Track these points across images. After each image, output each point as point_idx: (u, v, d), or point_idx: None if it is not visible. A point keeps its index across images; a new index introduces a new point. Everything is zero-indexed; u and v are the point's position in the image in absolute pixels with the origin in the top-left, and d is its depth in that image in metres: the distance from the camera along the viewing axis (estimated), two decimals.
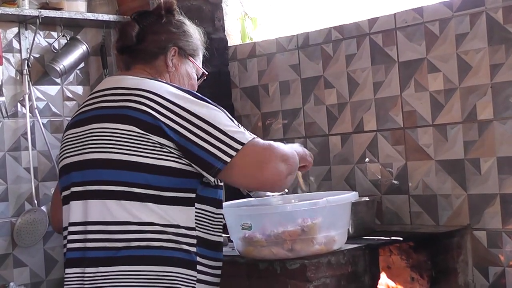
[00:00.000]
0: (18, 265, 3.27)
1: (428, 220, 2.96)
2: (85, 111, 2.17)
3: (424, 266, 2.79)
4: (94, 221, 2.04)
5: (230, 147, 2.00)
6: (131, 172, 2.01)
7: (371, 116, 3.14)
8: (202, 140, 1.99)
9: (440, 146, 2.92)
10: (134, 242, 2.01)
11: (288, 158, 2.07)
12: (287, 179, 2.07)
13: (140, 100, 2.03)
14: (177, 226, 2.04)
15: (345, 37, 3.22)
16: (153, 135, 2.00)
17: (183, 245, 2.04)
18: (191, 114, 2.02)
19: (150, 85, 2.09)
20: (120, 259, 2.02)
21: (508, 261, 2.74)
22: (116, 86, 2.13)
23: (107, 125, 2.06)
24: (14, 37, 3.32)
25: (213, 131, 2.00)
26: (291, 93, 3.46)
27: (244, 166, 2.02)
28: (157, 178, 2.01)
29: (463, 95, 2.84)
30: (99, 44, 3.57)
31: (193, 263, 2.06)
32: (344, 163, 3.24)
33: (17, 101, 3.32)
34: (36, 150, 3.35)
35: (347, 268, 2.40)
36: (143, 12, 2.37)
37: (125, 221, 2.01)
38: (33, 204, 3.29)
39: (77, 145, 2.13)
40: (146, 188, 2.01)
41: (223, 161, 1.99)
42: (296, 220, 2.26)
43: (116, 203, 2.02)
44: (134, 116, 2.02)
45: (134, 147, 2.01)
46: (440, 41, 2.89)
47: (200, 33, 2.40)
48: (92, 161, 2.07)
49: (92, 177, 2.06)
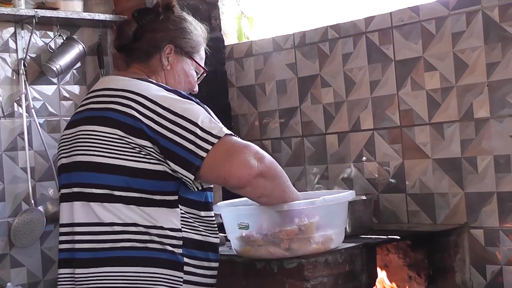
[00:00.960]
0: (15, 265, 3.26)
1: (425, 219, 2.96)
2: (78, 112, 2.19)
3: (422, 265, 2.79)
4: (80, 222, 2.06)
5: (206, 142, 1.96)
6: (112, 175, 2.02)
7: (368, 114, 3.14)
8: (180, 137, 1.97)
9: (437, 145, 2.92)
10: (119, 243, 2.02)
11: (263, 157, 2.02)
12: (257, 179, 2.00)
13: (124, 102, 2.03)
14: (161, 227, 2.03)
15: (341, 36, 3.22)
16: (134, 138, 2.00)
17: (167, 246, 2.04)
18: (170, 112, 2.00)
19: (136, 86, 2.08)
20: (106, 260, 2.03)
21: (505, 259, 2.75)
22: (105, 87, 2.14)
23: (93, 128, 2.07)
24: (10, 37, 3.31)
25: (190, 127, 1.97)
26: (288, 92, 3.46)
27: (215, 156, 1.96)
28: (136, 180, 2.01)
29: (459, 93, 2.84)
30: (96, 43, 3.57)
31: (179, 264, 2.05)
32: (341, 162, 3.24)
33: (13, 101, 3.32)
34: (33, 150, 3.34)
35: (345, 267, 2.40)
36: (143, 9, 2.35)
37: (110, 222, 2.02)
38: (30, 204, 3.28)
39: (68, 147, 2.15)
40: (127, 191, 2.02)
41: (200, 156, 1.96)
42: (293, 219, 2.26)
43: (100, 205, 2.03)
44: (117, 119, 2.02)
45: (116, 150, 2.02)
46: (437, 40, 2.90)
47: (202, 30, 2.35)
48: (77, 163, 2.10)
49: (77, 179, 2.08)
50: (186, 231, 2.07)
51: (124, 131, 2.00)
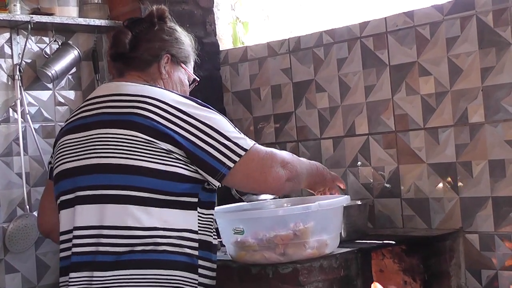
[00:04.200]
0: (10, 271, 3.25)
1: (421, 224, 2.97)
2: (84, 116, 2.18)
3: (417, 270, 2.79)
4: (105, 225, 2.06)
5: (234, 153, 2.07)
6: (136, 176, 2.05)
7: (363, 119, 3.14)
8: (209, 146, 2.06)
9: (431, 150, 2.92)
10: (139, 247, 2.04)
11: (287, 163, 2.17)
12: (286, 184, 2.17)
13: (146, 107, 2.07)
14: (181, 230, 2.08)
15: (336, 41, 3.23)
16: (161, 142, 2.04)
17: (186, 248, 2.08)
18: (197, 120, 2.07)
19: (153, 92, 2.13)
20: (125, 263, 2.04)
21: (500, 264, 2.75)
22: (118, 92, 2.16)
23: (112, 131, 2.09)
24: (5, 42, 3.31)
25: (218, 137, 2.07)
26: (283, 97, 3.46)
27: (247, 171, 2.10)
28: (162, 183, 2.05)
29: (454, 98, 2.84)
30: (91, 49, 3.57)
31: (195, 266, 2.10)
32: (336, 167, 3.24)
33: (8, 106, 3.31)
34: (28, 156, 3.34)
35: (340, 272, 2.39)
36: (136, 19, 2.39)
37: (130, 226, 2.04)
38: (25, 209, 3.27)
39: (80, 151, 2.14)
40: (151, 193, 2.05)
41: (227, 166, 2.06)
42: (288, 224, 2.26)
43: (122, 207, 2.04)
44: (140, 122, 2.05)
45: (141, 152, 2.05)
46: (431, 45, 2.90)
47: (191, 40, 2.44)
48: (98, 166, 2.10)
49: (100, 181, 2.09)
50: (202, 233, 2.13)
51: (148, 135, 2.05)
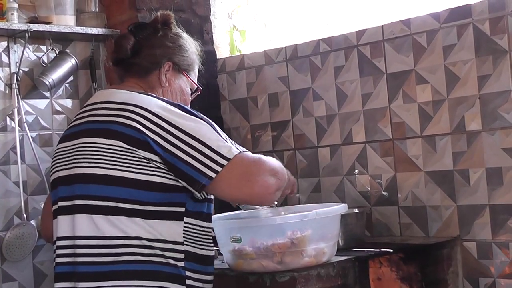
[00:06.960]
0: (7, 279, 3.24)
1: (418, 232, 2.96)
2: (75, 124, 2.17)
3: (414, 278, 2.79)
4: (82, 235, 2.04)
5: (216, 163, 1.99)
6: (117, 187, 2.01)
7: (360, 127, 3.14)
8: (188, 156, 1.99)
9: (429, 158, 2.92)
10: (122, 257, 2.01)
11: (277, 172, 2.07)
12: (275, 193, 2.06)
13: (129, 115, 2.03)
14: (164, 241, 2.04)
15: (333, 49, 3.23)
16: (140, 150, 2.00)
17: (170, 259, 2.04)
18: (177, 129, 2.01)
19: (140, 99, 2.08)
20: (110, 274, 2.02)
21: (498, 272, 2.74)
22: (106, 100, 2.13)
23: (95, 140, 2.06)
24: (3, 51, 3.31)
25: (199, 146, 2.00)
26: (280, 105, 3.46)
27: (232, 179, 2.01)
28: (144, 193, 2.01)
29: (451, 106, 2.85)
30: (88, 57, 3.57)
31: (181, 277, 2.06)
32: (333, 175, 3.24)
33: (6, 115, 3.31)
34: (25, 164, 3.33)
35: (337, 280, 2.39)
36: (140, 24, 2.36)
37: (113, 235, 2.01)
38: (22, 218, 3.27)
39: (67, 159, 2.13)
40: (133, 203, 2.01)
41: (208, 176, 1.99)
42: (286, 232, 2.26)
43: (103, 218, 2.02)
44: (121, 131, 2.02)
45: (121, 162, 2.01)
46: (428, 53, 2.91)
47: (197, 47, 2.39)
48: (79, 175, 2.08)
49: (79, 191, 2.07)
50: (187, 245, 2.08)
51: (128, 144, 2.00)
